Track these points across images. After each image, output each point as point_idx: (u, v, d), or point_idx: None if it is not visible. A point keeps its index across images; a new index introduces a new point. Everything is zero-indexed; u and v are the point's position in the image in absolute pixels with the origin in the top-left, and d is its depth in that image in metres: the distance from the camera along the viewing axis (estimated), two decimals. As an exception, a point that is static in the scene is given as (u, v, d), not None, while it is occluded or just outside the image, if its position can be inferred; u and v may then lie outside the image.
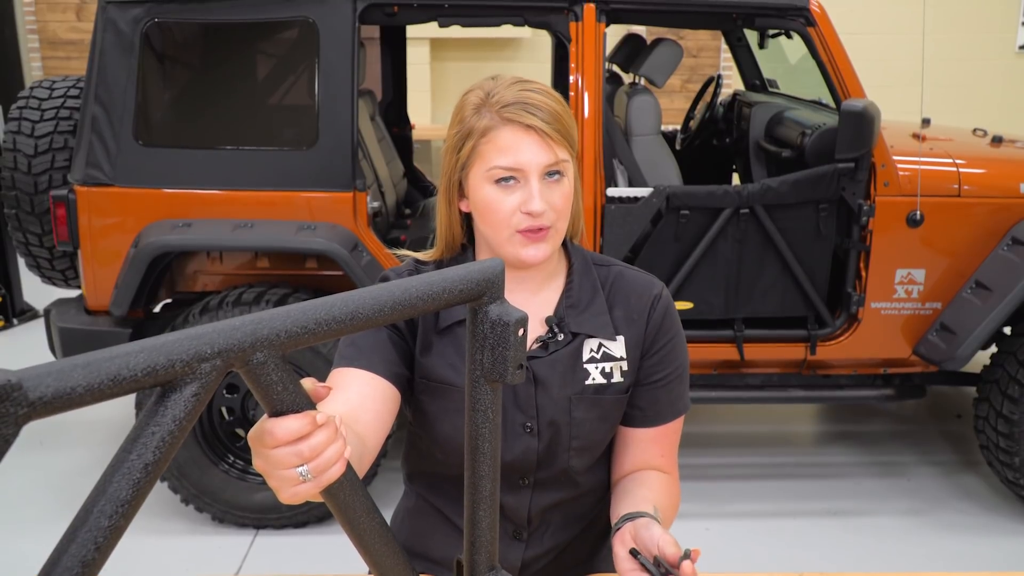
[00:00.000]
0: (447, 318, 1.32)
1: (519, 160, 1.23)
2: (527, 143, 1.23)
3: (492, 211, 1.26)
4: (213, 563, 2.89)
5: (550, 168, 1.25)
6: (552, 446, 1.33)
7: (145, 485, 0.65)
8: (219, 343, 0.68)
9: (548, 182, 1.25)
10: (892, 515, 3.20)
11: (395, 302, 0.79)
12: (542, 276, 1.35)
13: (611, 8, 2.93)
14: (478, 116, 1.26)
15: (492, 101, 1.25)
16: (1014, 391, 2.99)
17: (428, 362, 1.32)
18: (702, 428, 3.89)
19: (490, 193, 1.25)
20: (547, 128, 1.23)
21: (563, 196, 1.27)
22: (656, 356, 1.36)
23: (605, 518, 1.46)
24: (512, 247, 1.26)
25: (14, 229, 3.19)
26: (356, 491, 0.88)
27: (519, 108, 1.23)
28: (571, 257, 1.37)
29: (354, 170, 2.88)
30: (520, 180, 1.24)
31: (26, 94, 3.18)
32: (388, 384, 1.26)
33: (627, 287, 1.37)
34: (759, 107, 3.71)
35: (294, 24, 2.89)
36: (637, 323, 1.35)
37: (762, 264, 3.05)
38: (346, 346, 1.29)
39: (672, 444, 1.42)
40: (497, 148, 1.24)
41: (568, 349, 1.33)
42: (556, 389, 1.32)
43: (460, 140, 1.28)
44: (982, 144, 3.49)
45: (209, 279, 3.15)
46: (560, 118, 1.25)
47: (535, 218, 1.24)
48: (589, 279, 1.36)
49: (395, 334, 1.31)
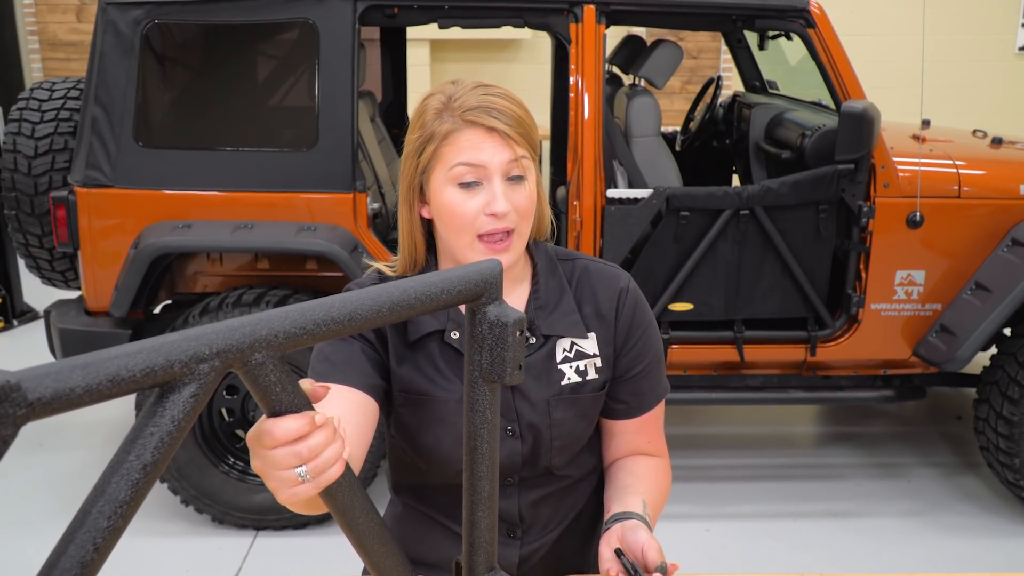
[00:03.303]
0: (415, 331, 1.31)
1: (481, 158, 1.23)
2: (489, 144, 1.23)
3: (454, 215, 1.25)
4: (213, 564, 2.89)
5: (512, 169, 1.24)
6: (535, 447, 1.34)
7: (144, 486, 0.65)
8: (218, 344, 0.68)
9: (511, 185, 1.25)
10: (892, 516, 3.19)
11: (393, 303, 0.79)
12: (508, 280, 1.34)
13: (611, 9, 2.93)
14: (440, 120, 1.25)
15: (454, 105, 1.24)
16: (1014, 392, 2.99)
17: (404, 373, 1.32)
18: (702, 429, 3.89)
19: (452, 196, 1.24)
20: (509, 131, 1.23)
21: (526, 198, 1.26)
22: (633, 351, 1.37)
23: (594, 506, 1.47)
24: (474, 253, 1.26)
25: (14, 230, 3.19)
26: (355, 492, 0.88)
27: (482, 111, 1.23)
28: (535, 258, 1.37)
29: (354, 171, 2.88)
30: (483, 182, 1.24)
31: (26, 95, 3.18)
32: (366, 397, 1.25)
33: (593, 282, 1.37)
34: (759, 108, 3.71)
35: (294, 25, 2.89)
36: (607, 319, 1.36)
37: (762, 265, 3.05)
38: (319, 362, 1.27)
39: (658, 427, 1.43)
40: (459, 149, 1.23)
41: (542, 352, 1.33)
42: (534, 393, 1.32)
43: (421, 144, 1.27)
44: (982, 145, 3.49)
45: (209, 280, 3.16)
46: (522, 121, 1.25)
47: (499, 219, 1.24)
48: (556, 278, 1.36)
49: (367, 346, 1.30)
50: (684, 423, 3.89)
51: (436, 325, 1.30)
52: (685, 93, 7.00)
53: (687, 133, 4.35)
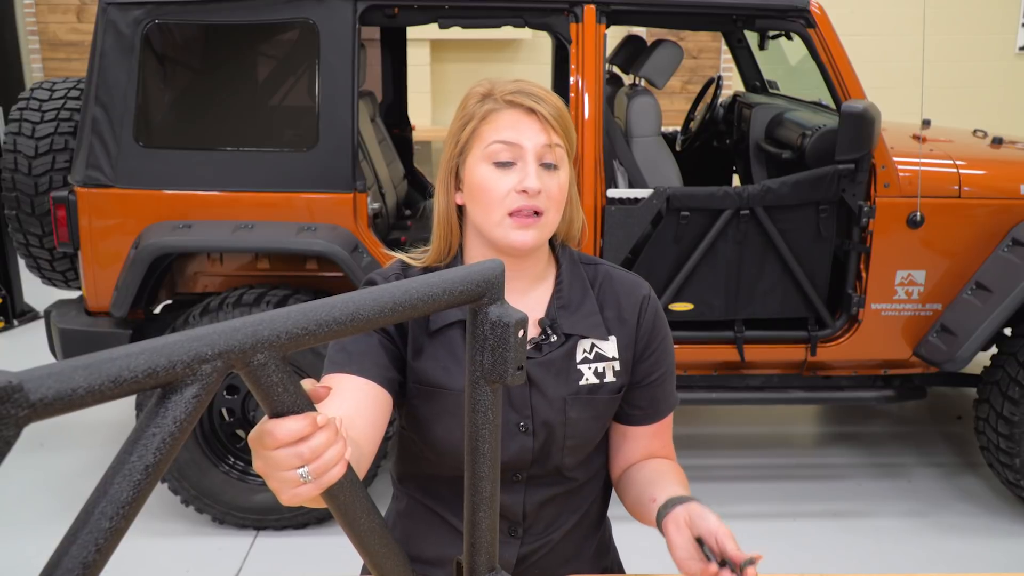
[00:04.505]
0: (438, 321, 1.31)
1: (518, 136, 1.25)
2: (527, 123, 1.26)
3: (486, 190, 1.27)
4: (213, 564, 2.89)
5: (546, 155, 1.27)
6: (547, 445, 1.34)
7: (146, 486, 0.65)
8: (220, 344, 0.68)
9: (544, 170, 1.27)
10: (892, 516, 3.19)
11: (395, 303, 0.79)
12: (531, 276, 1.35)
13: (611, 9, 2.93)
14: (481, 104, 1.29)
15: (496, 91, 1.29)
16: (1014, 392, 2.99)
17: (420, 366, 1.32)
18: (703, 429, 3.89)
19: (486, 173, 1.27)
20: (548, 116, 1.26)
21: (558, 186, 1.28)
22: (652, 358, 1.39)
23: (597, 511, 1.48)
24: (502, 230, 1.27)
25: (15, 230, 3.19)
26: (356, 492, 0.88)
27: (522, 94, 1.27)
28: (559, 257, 1.39)
29: (354, 171, 2.88)
30: (517, 163, 1.26)
31: (26, 95, 3.18)
32: (381, 389, 1.25)
33: (616, 287, 1.39)
34: (759, 108, 3.71)
35: (294, 25, 2.89)
36: (628, 324, 1.37)
37: (762, 265, 3.05)
38: (336, 352, 1.28)
39: (669, 435, 1.46)
40: (497, 127, 1.27)
41: (562, 350, 1.34)
42: (551, 390, 1.33)
43: (461, 126, 1.30)
44: (982, 145, 3.50)
45: (209, 280, 3.16)
46: (562, 113, 1.29)
47: (530, 197, 1.25)
48: (578, 279, 1.38)
49: (386, 339, 1.30)
50: (684, 423, 3.89)
51: (459, 315, 1.31)
52: (685, 93, 7.00)
53: (687, 133, 4.36)
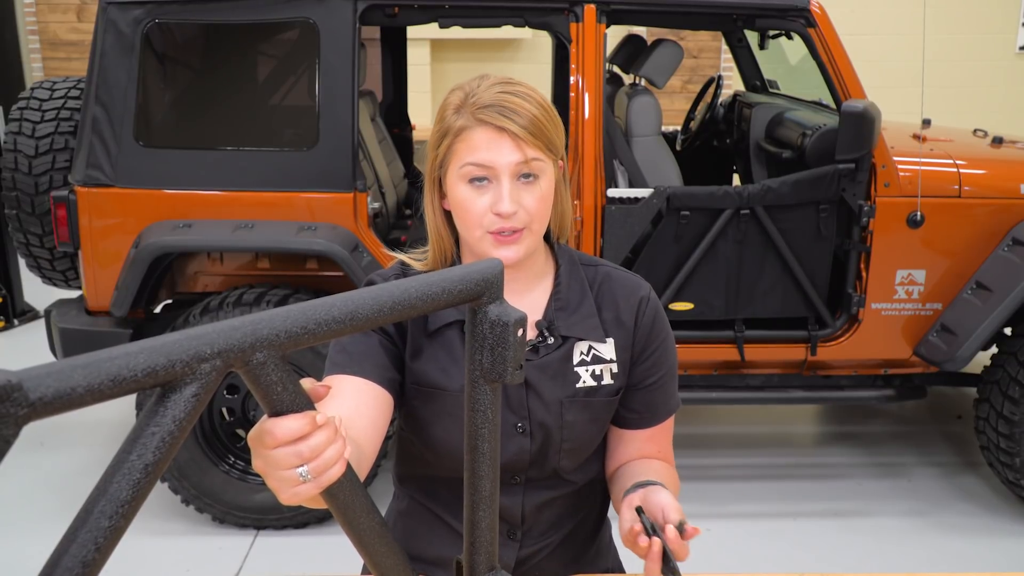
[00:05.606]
0: (436, 321, 1.31)
1: (491, 157, 1.23)
2: (499, 143, 1.23)
3: (465, 210, 1.26)
4: (214, 564, 2.89)
5: (522, 170, 1.24)
6: (544, 447, 1.34)
7: (145, 485, 0.65)
8: (219, 343, 0.68)
9: (521, 184, 1.25)
10: (893, 516, 3.19)
11: (394, 303, 0.79)
12: (529, 277, 1.35)
13: (612, 9, 2.93)
14: (456, 116, 1.26)
15: (471, 102, 1.25)
16: (1015, 392, 2.99)
17: (419, 367, 1.32)
18: (703, 429, 3.89)
19: (463, 192, 1.25)
20: (520, 132, 1.22)
21: (537, 198, 1.26)
22: (650, 360, 1.37)
23: (596, 514, 1.47)
24: (484, 246, 1.27)
25: (15, 230, 3.19)
26: (356, 492, 0.88)
27: (494, 111, 1.23)
28: (558, 258, 1.37)
29: (354, 171, 2.88)
30: (492, 180, 1.25)
31: (27, 95, 3.18)
32: (381, 390, 1.25)
33: (615, 288, 1.37)
34: (759, 108, 3.71)
35: (294, 25, 2.89)
36: (626, 325, 1.36)
37: (762, 265, 3.05)
38: (336, 352, 1.28)
39: (668, 439, 1.43)
40: (469, 147, 1.24)
41: (559, 352, 1.33)
42: (547, 392, 1.32)
43: (439, 138, 1.29)
44: (982, 145, 3.50)
45: (210, 280, 3.16)
46: (537, 121, 1.24)
47: (505, 219, 1.24)
48: (577, 280, 1.36)
49: (385, 339, 1.30)
50: (684, 423, 3.89)
51: (456, 315, 1.31)
52: (686, 92, 7.00)
53: (688, 132, 4.36)
